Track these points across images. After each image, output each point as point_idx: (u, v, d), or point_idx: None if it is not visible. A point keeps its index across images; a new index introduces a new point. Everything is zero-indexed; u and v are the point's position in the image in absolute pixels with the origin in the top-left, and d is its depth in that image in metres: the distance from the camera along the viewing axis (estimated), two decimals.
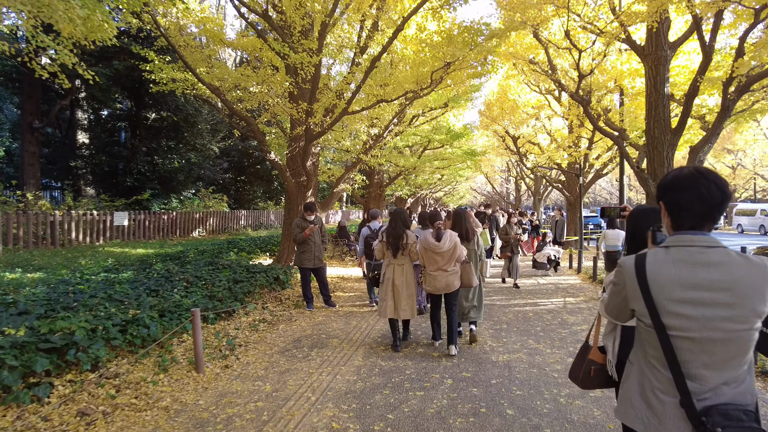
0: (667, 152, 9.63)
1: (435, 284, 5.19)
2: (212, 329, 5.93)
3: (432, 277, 5.20)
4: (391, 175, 19.49)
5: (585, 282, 10.50)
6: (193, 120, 19.45)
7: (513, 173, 35.10)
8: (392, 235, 5.35)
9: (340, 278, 10.60)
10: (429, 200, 46.50)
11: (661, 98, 9.58)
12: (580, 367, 2.39)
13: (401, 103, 10.42)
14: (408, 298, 5.32)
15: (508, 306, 7.87)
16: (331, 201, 11.23)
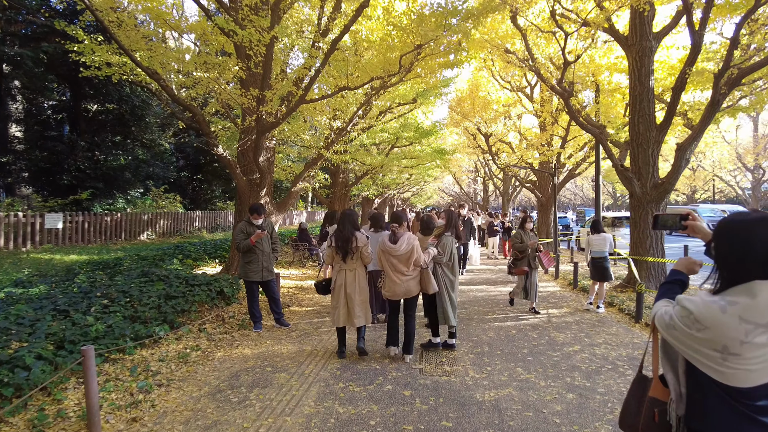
0: (652, 150, 8.97)
1: (394, 289, 5.00)
2: (128, 362, 4.72)
3: (391, 281, 5.01)
4: (357, 174, 18.42)
5: (565, 289, 9.74)
6: (141, 113, 17.79)
7: (481, 173, 34.64)
8: (341, 239, 5.02)
9: (298, 288, 9.46)
10: (397, 200, 45.65)
11: (645, 92, 8.92)
12: (638, 409, 1.71)
13: (366, 93, 9.39)
14: (361, 304, 5.06)
15: (486, 320, 6.95)
16: (289, 201, 10.07)
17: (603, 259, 7.64)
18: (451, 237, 5.53)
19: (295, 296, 8.64)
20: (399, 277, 4.97)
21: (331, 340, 5.89)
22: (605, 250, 7.68)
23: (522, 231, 7.78)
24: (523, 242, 7.59)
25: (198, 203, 26.16)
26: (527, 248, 7.56)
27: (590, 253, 7.82)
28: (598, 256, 7.70)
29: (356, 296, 5.03)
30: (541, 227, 17.51)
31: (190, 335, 5.72)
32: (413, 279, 5.02)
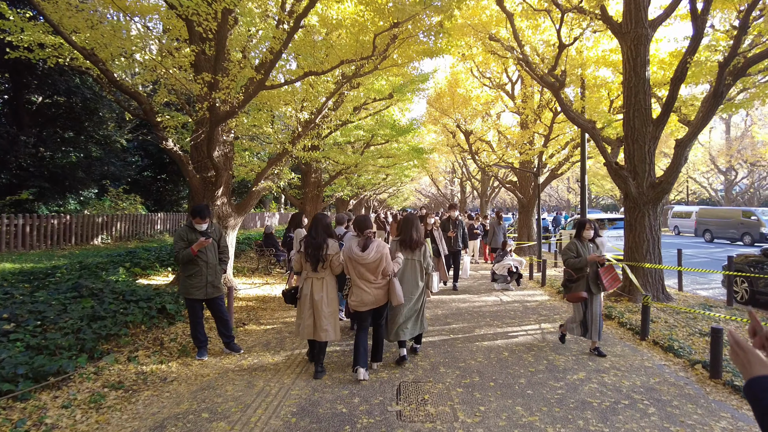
0: (648, 146, 8.25)
1: (362, 297, 4.65)
2: (17, 411, 3.61)
3: (358, 290, 4.67)
4: (331, 173, 17.38)
5: (555, 298, 8.94)
6: (94, 106, 16.32)
7: (459, 174, 34.00)
8: (312, 245, 4.63)
9: (259, 301, 8.38)
10: (373, 202, 44.71)
11: (641, 83, 8.19)
12: None
13: (337, 82, 8.39)
14: (330, 316, 4.66)
15: (473, 339, 6.04)
16: (250, 202, 8.98)
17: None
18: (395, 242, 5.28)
19: (254, 311, 7.56)
20: (366, 286, 4.65)
21: (289, 370, 4.87)
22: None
23: (578, 241, 5.51)
24: (580, 256, 5.39)
25: (163, 205, 24.62)
26: (586, 264, 5.35)
27: None
28: None
29: (324, 307, 4.62)
30: (522, 229, 16.81)
31: (113, 367, 4.62)
32: (381, 288, 4.69)
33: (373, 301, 4.65)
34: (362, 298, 4.63)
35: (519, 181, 17.06)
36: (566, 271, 5.58)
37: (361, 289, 4.63)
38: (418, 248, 5.15)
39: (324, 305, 4.62)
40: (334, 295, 4.75)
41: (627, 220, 8.51)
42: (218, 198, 8.50)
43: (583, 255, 5.39)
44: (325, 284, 4.68)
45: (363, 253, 4.56)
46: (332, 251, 4.65)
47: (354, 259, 4.60)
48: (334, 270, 4.73)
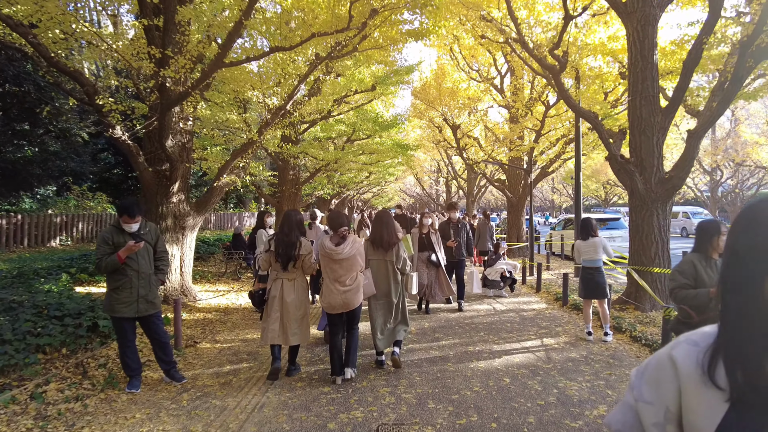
0: (657, 138, 7.45)
1: (330, 300, 4.39)
2: None
3: (328, 290, 4.41)
4: (310, 170, 16.35)
5: (552, 306, 8.08)
6: (51, 94, 15.00)
7: (444, 173, 33.19)
8: (283, 244, 4.41)
9: (221, 312, 7.34)
10: (357, 202, 43.69)
11: (649, 68, 7.38)
12: None
13: (311, 62, 7.40)
14: (300, 320, 4.46)
15: (467, 359, 5.11)
16: (210, 200, 7.93)
17: (595, 270, 5.93)
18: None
19: (212, 325, 6.52)
20: (337, 287, 4.36)
21: (238, 409, 3.86)
22: (598, 258, 5.97)
23: (700, 258, 3.37)
24: (700, 285, 3.26)
25: None
26: (708, 301, 3.11)
27: (581, 261, 6.14)
28: (589, 266, 5.99)
29: (294, 310, 4.41)
30: (512, 230, 16.01)
31: (5, 411, 3.56)
32: (351, 291, 4.36)
33: (342, 305, 4.35)
34: (330, 301, 4.37)
35: (508, 179, 16.26)
36: (681, 311, 3.38)
37: (330, 291, 4.36)
38: (390, 248, 4.78)
39: (294, 308, 4.39)
40: (304, 297, 4.52)
41: (633, 220, 7.69)
42: (173, 194, 7.44)
43: (704, 282, 3.25)
44: (297, 286, 4.46)
45: (337, 248, 4.30)
46: (305, 251, 4.42)
47: (327, 255, 4.32)
48: (306, 270, 4.53)
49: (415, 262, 6.84)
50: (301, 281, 4.53)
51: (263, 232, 6.87)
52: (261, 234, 6.88)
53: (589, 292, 5.97)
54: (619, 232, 15.73)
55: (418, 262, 6.99)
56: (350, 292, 4.36)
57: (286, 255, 4.36)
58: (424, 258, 7.04)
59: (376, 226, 4.84)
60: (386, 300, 4.80)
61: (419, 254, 7.04)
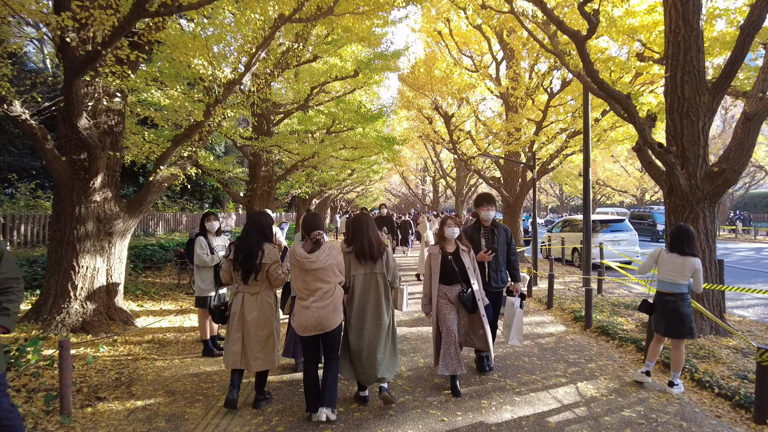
0: (703, 122, 6.02)
1: (301, 319, 3.63)
2: None
3: (299, 308, 3.67)
4: (286, 166, 14.72)
5: (572, 328, 6.62)
6: None
7: (432, 171, 31.77)
8: (242, 251, 3.79)
9: (157, 343, 5.70)
10: (340, 202, 42.02)
11: (693, 36, 5.97)
12: None
13: (273, 24, 5.79)
14: (264, 341, 3.80)
15: (481, 427, 3.58)
16: (146, 198, 6.28)
17: (678, 298, 4.24)
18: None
19: (136, 364, 4.88)
20: (310, 303, 3.63)
21: None
22: (683, 282, 4.23)
23: None
24: None
25: None
26: None
27: (656, 283, 4.49)
28: (669, 291, 4.29)
29: (255, 330, 3.79)
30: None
31: None
32: (326, 308, 3.61)
33: (315, 325, 3.60)
34: (301, 321, 3.63)
35: (504, 176, 14.84)
36: None
37: (302, 308, 3.64)
38: (379, 258, 3.94)
39: (256, 327, 3.81)
40: (270, 314, 3.88)
41: (671, 223, 6.27)
42: (95, 191, 5.77)
43: None
44: (260, 301, 3.85)
45: (310, 255, 3.65)
46: (269, 259, 3.82)
47: (299, 264, 3.65)
48: (273, 283, 3.89)
49: (435, 301, 4.22)
50: (266, 296, 3.88)
51: (201, 239, 5.28)
52: (200, 242, 5.28)
53: (670, 327, 4.22)
54: (624, 235, 14.42)
55: (442, 302, 4.21)
56: (326, 309, 3.61)
57: (245, 265, 3.76)
58: (451, 295, 4.21)
59: (358, 232, 3.95)
60: (376, 324, 3.87)
61: (443, 288, 4.23)
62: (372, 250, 3.87)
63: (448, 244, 4.30)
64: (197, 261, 5.27)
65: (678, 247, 4.27)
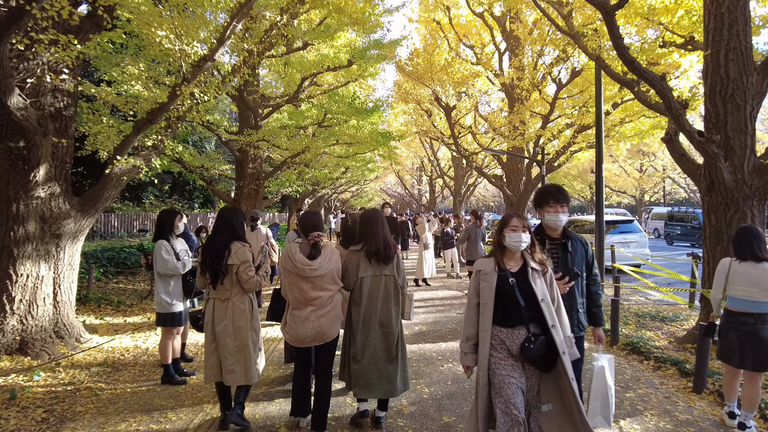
0: (751, 107, 5.20)
1: (297, 330, 3.28)
2: None
3: (294, 320, 3.30)
4: (276, 163, 13.84)
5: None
6: None
7: (428, 170, 30.94)
8: (210, 252, 3.43)
9: (110, 366, 4.79)
10: (335, 202, 41.09)
11: (741, 6, 5.15)
12: None
13: None
14: (238, 352, 3.44)
15: None
16: (103, 194, 5.37)
17: (759, 319, 3.33)
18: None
19: (72, 399, 3.97)
20: (308, 313, 3.26)
21: None
22: (765, 300, 3.33)
23: None
24: None
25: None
26: None
27: (727, 300, 3.53)
28: (746, 311, 3.38)
29: (228, 340, 3.42)
30: None
31: None
32: (326, 316, 3.29)
33: (314, 336, 3.26)
34: (298, 332, 3.25)
35: (507, 174, 14.01)
36: None
37: (297, 318, 3.25)
38: (390, 259, 3.50)
39: (228, 338, 3.40)
40: (244, 322, 3.45)
41: (712, 224, 5.45)
42: (37, 186, 4.87)
43: None
44: (231, 308, 3.43)
45: (312, 263, 3.23)
46: (236, 259, 3.40)
47: (297, 272, 3.22)
48: (245, 286, 3.45)
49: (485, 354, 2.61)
50: (239, 302, 3.48)
51: (165, 243, 4.38)
52: (163, 246, 4.37)
53: (746, 356, 3.33)
54: (633, 237, 13.63)
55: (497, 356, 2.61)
56: (326, 318, 3.31)
57: (212, 267, 3.40)
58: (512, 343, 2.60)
59: (370, 230, 3.47)
60: (384, 331, 3.44)
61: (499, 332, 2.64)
62: (387, 250, 3.46)
63: (510, 259, 2.70)
64: (162, 269, 4.37)
65: (748, 253, 3.43)
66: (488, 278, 2.62)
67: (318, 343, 3.32)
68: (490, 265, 2.67)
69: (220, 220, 3.54)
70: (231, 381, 3.45)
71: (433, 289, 9.81)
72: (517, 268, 2.66)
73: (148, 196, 27.20)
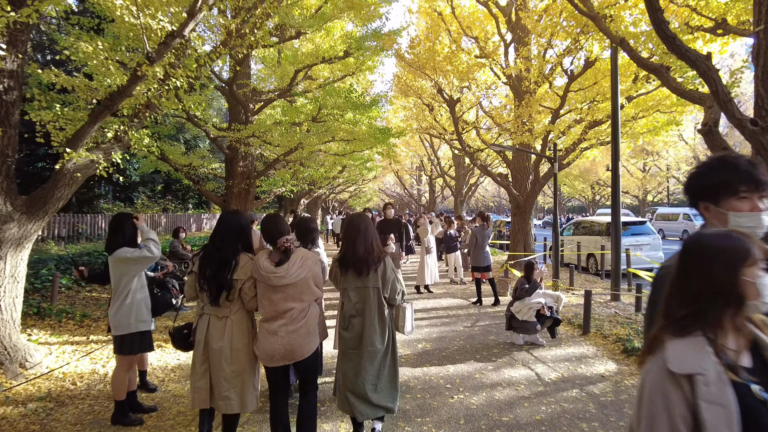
0: None
1: (266, 346, 2.95)
2: None
3: (264, 334, 2.97)
4: (268, 161, 13.08)
5: (626, 364, 5.02)
6: None
7: (428, 170, 30.18)
8: (211, 262, 3.01)
9: (55, 397, 4.02)
10: (332, 202, 40.32)
11: None
12: None
13: None
14: (234, 378, 3.02)
15: None
16: (53, 194, 4.57)
17: None
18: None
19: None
20: (278, 327, 2.93)
21: None
22: None
23: None
24: None
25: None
26: None
27: None
28: None
29: (223, 363, 2.99)
30: (517, 236, 12.97)
31: None
32: (301, 330, 2.95)
33: (284, 353, 2.91)
34: (267, 348, 2.92)
35: (512, 172, 13.24)
36: None
37: (266, 332, 2.94)
38: (372, 268, 3.12)
39: (225, 360, 2.99)
40: (243, 344, 3.04)
41: None
42: None
43: None
44: (231, 327, 3.01)
45: (278, 270, 2.90)
46: (243, 274, 3.00)
47: (264, 279, 2.91)
48: (248, 304, 3.06)
49: None
50: (239, 320, 3.06)
51: (126, 250, 3.61)
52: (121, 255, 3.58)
53: None
54: (646, 239, 12.90)
55: None
56: (298, 333, 2.93)
57: (215, 280, 2.95)
58: None
59: (348, 235, 3.23)
60: (367, 350, 3.13)
61: None
62: (357, 259, 3.11)
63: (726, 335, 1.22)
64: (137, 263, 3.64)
65: None
66: (715, 394, 1.12)
67: (290, 362, 2.98)
68: (703, 358, 1.16)
69: (227, 227, 3.09)
70: (225, 409, 3.06)
71: (436, 297, 9.04)
72: (745, 353, 1.23)
73: (139, 197, 26.41)
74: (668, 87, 5.98)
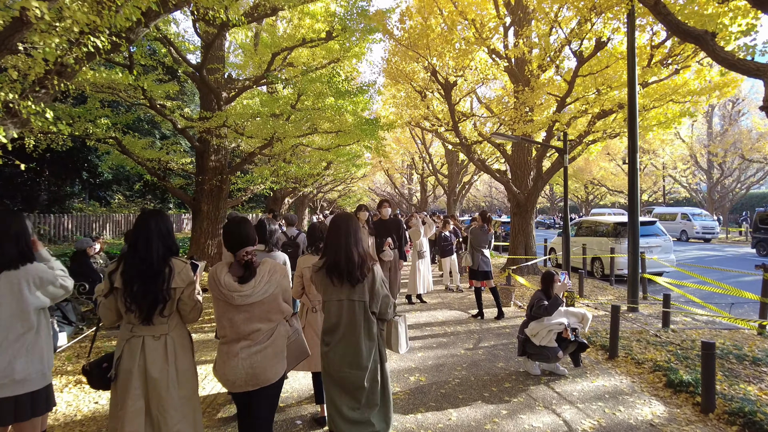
0: None
1: (226, 371, 2.57)
2: None
3: (221, 354, 2.62)
4: (244, 155, 11.86)
5: (674, 405, 3.93)
6: None
7: (419, 168, 29.08)
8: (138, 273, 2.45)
9: None
10: (321, 202, 39.05)
11: None
12: None
13: None
14: (185, 404, 2.54)
15: None
16: None
17: None
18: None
19: None
20: (237, 348, 2.55)
21: None
22: None
23: None
24: None
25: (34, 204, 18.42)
26: None
27: None
28: None
29: (171, 390, 2.48)
30: (517, 237, 11.88)
31: None
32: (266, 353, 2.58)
33: (245, 379, 2.53)
34: (226, 372, 2.54)
35: (512, 168, 12.18)
36: None
37: (225, 355, 2.56)
38: (358, 279, 2.70)
39: (172, 386, 2.48)
40: (188, 363, 2.59)
41: None
42: None
43: None
44: (173, 346, 2.52)
45: (243, 287, 2.51)
46: (182, 281, 2.53)
47: (224, 298, 2.53)
48: (188, 316, 2.60)
49: None
50: (180, 336, 2.57)
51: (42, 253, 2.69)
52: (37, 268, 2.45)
53: None
54: (656, 241, 11.89)
55: None
56: (263, 355, 2.55)
57: (145, 293, 2.41)
58: None
59: (332, 239, 2.75)
60: (353, 372, 2.67)
61: None
62: (351, 267, 2.66)
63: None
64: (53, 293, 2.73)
65: None
66: None
67: (253, 387, 2.57)
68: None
69: (144, 228, 2.50)
70: None
71: (430, 308, 7.90)
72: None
73: (114, 196, 24.96)
74: (713, 57, 4.93)
